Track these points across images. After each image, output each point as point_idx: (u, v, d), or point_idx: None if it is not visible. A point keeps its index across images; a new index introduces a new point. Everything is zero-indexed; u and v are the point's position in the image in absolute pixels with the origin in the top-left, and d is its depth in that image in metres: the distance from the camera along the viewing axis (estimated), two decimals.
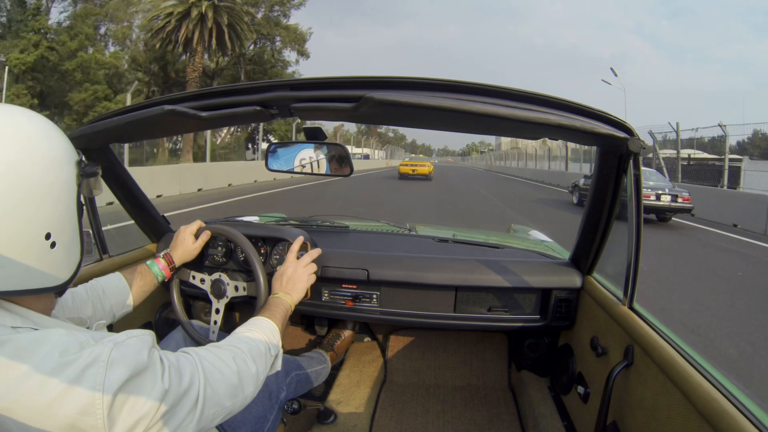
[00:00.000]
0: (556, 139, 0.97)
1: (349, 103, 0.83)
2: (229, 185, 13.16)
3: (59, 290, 0.63)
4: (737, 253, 6.38)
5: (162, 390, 0.56)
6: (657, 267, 5.06)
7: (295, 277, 1.08)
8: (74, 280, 0.67)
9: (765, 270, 5.55)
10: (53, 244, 0.59)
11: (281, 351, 0.88)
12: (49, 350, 0.51)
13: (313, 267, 1.15)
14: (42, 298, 0.63)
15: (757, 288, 4.64)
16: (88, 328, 0.86)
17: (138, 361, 0.54)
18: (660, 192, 8.60)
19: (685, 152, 13.19)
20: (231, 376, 0.69)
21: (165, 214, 1.61)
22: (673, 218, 9.17)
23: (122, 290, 1.04)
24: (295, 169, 1.42)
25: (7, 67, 18.05)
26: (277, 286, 1.06)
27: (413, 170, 19.93)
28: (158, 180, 10.11)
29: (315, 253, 1.19)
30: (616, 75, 21.62)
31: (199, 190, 11.68)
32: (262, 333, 0.83)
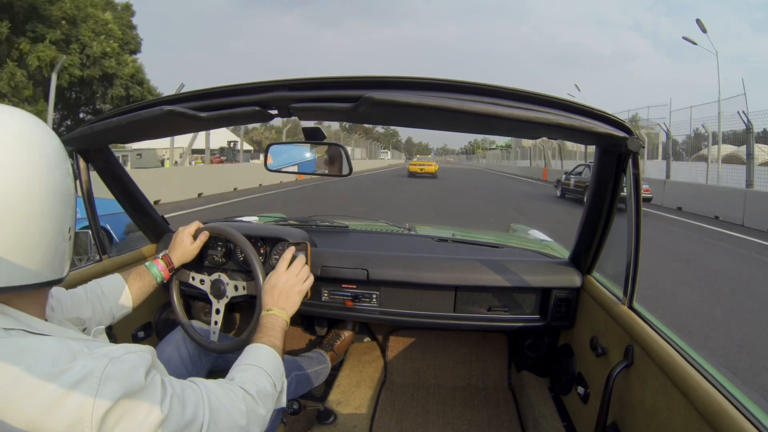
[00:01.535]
0: (556, 139, 0.97)
1: (348, 103, 0.83)
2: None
3: (57, 284, 0.63)
4: None
5: (160, 417, 0.53)
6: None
7: (287, 288, 1.03)
8: (73, 281, 0.67)
9: None
10: (70, 238, 0.63)
11: (285, 384, 0.86)
12: (38, 359, 0.49)
13: (306, 273, 1.09)
14: (39, 297, 0.62)
15: None
16: (85, 329, 0.86)
17: (133, 379, 0.52)
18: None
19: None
20: (238, 417, 0.66)
21: None
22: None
23: (121, 291, 1.04)
24: (294, 169, 1.42)
25: None
26: (270, 301, 1.01)
27: (421, 169, 22.63)
28: None
29: (301, 261, 1.11)
30: (704, 30, 13.47)
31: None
32: (269, 370, 0.80)
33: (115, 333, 1.32)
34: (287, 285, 1.04)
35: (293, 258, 1.11)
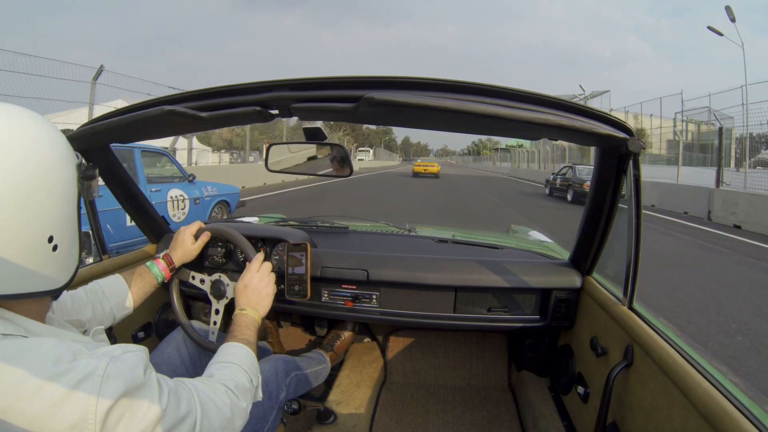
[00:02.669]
0: (556, 140, 0.97)
1: (349, 104, 0.83)
2: None
3: (57, 293, 0.62)
4: None
5: (159, 411, 0.55)
6: None
7: (260, 287, 1.06)
8: (75, 285, 0.66)
9: None
10: (55, 247, 0.59)
11: (260, 379, 0.88)
12: (40, 359, 0.50)
13: (272, 278, 1.11)
14: (38, 302, 0.62)
15: None
16: (85, 331, 0.86)
17: (134, 377, 0.54)
18: None
19: None
20: (225, 410, 0.70)
21: None
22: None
23: (122, 292, 1.04)
24: (295, 170, 1.42)
25: None
26: (243, 301, 1.04)
27: (425, 169, 25.92)
28: None
29: (268, 266, 1.12)
30: (733, 20, 13.62)
31: None
32: (245, 367, 0.84)
33: (115, 333, 1.32)
34: (260, 285, 1.07)
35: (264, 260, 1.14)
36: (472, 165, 66.81)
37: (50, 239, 0.58)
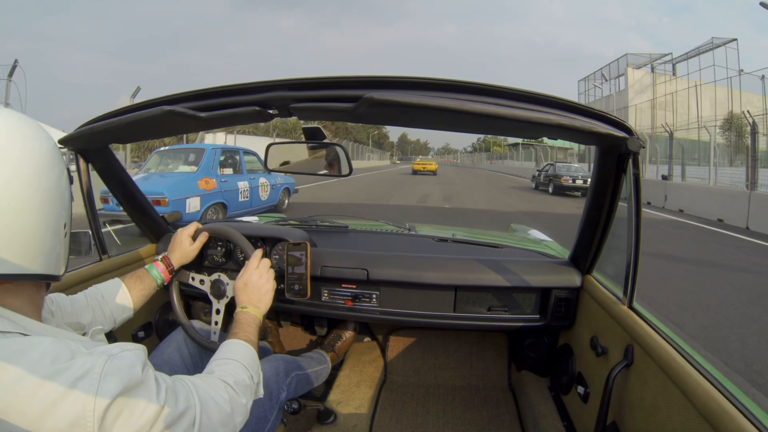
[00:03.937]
0: (556, 139, 0.97)
1: (348, 103, 0.83)
2: None
3: (56, 280, 0.65)
4: None
5: (157, 408, 0.55)
6: None
7: (260, 284, 1.06)
8: (73, 282, 0.67)
9: None
10: (66, 234, 0.64)
11: (261, 376, 0.88)
12: (39, 357, 0.50)
13: (271, 275, 1.11)
14: (36, 294, 0.63)
15: None
16: (84, 333, 0.86)
17: (132, 375, 0.54)
18: (574, 176, 13.63)
19: None
20: (224, 405, 0.71)
21: None
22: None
23: (122, 296, 1.05)
24: (294, 169, 1.42)
25: None
26: (244, 299, 1.04)
27: (423, 167, 28.84)
28: None
29: (267, 263, 1.13)
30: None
31: None
32: (245, 363, 0.84)
33: (115, 333, 1.32)
34: (260, 281, 1.07)
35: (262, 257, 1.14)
36: (486, 166, 47.31)
37: (65, 226, 0.64)
